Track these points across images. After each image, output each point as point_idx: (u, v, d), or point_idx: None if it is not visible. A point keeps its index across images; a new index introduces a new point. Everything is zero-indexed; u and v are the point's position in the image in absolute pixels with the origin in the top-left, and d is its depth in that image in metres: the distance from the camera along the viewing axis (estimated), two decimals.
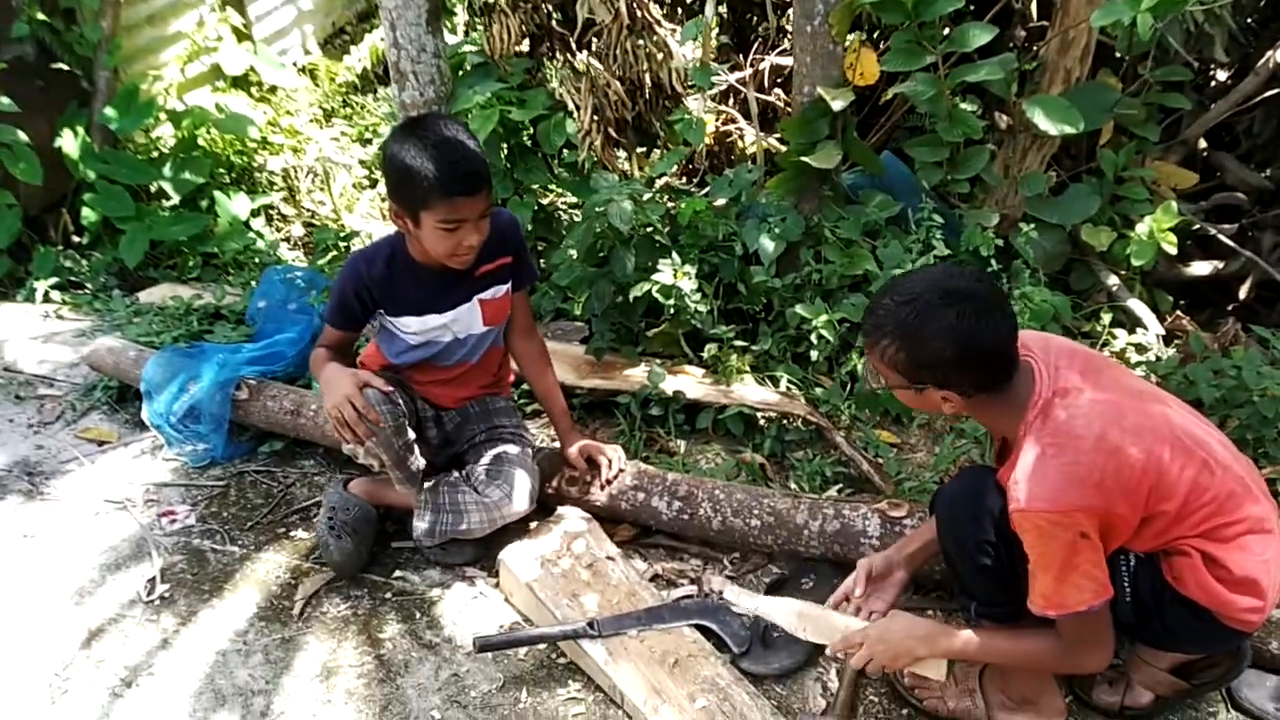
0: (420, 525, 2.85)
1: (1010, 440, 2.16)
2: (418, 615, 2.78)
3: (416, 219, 2.54)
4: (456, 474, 2.93)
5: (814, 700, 2.55)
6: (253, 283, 4.53)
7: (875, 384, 2.17)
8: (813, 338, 3.58)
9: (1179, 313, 3.97)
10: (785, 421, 3.49)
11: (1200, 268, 4.34)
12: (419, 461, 2.83)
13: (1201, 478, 2.04)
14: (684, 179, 5.16)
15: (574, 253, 3.78)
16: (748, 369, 3.69)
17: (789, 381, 3.66)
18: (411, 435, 2.78)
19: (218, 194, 5.19)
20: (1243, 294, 4.27)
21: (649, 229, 3.71)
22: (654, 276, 3.52)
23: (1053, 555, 1.98)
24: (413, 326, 2.78)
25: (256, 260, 5.04)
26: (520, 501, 2.86)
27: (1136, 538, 2.08)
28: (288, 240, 5.53)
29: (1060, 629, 2.07)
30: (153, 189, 5.24)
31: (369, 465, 2.76)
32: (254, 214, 5.35)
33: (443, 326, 2.80)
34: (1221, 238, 4.16)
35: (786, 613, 2.42)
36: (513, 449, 2.95)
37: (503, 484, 2.85)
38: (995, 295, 2.04)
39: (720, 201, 3.92)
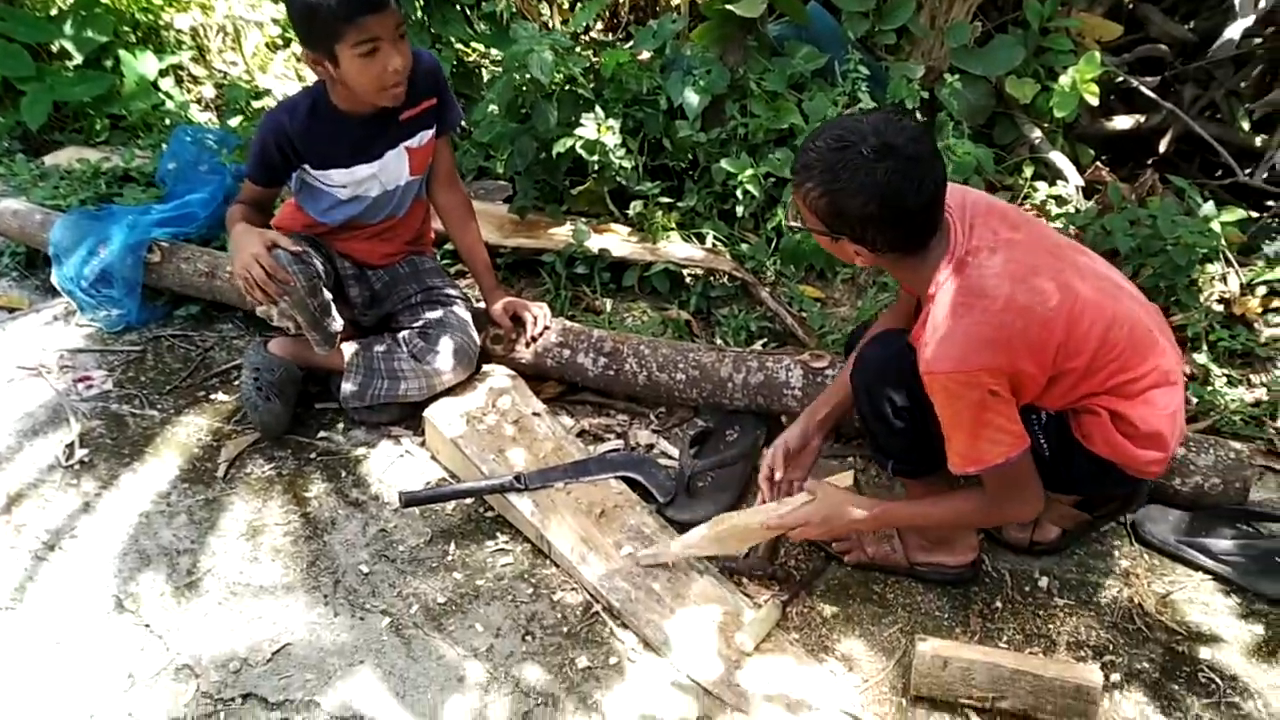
0: (349, 387, 2.82)
1: (924, 298, 2.15)
2: (343, 474, 2.78)
3: (333, 56, 2.45)
4: (390, 338, 2.90)
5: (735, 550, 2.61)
6: (162, 144, 4.36)
7: (794, 221, 2.17)
8: (738, 193, 3.55)
9: (1099, 165, 4.00)
10: (711, 278, 3.49)
11: (1122, 122, 4.36)
12: (337, 323, 2.78)
13: (1110, 334, 2.07)
14: (607, 31, 5.03)
15: (495, 108, 3.68)
16: (673, 226, 3.66)
17: (715, 238, 3.64)
18: (328, 296, 2.73)
19: (123, 53, 4.94)
20: (1163, 148, 4.31)
21: (571, 83, 3.62)
22: (577, 132, 3.45)
23: (962, 414, 2.02)
24: (340, 179, 2.71)
25: (166, 122, 4.84)
26: (458, 365, 2.84)
27: (1046, 395, 2.13)
28: (198, 102, 5.31)
29: (985, 483, 2.12)
30: (54, 48, 4.98)
31: (285, 328, 2.71)
32: (162, 74, 5.11)
33: (371, 177, 2.73)
34: (1144, 90, 4.17)
35: (708, 538, 2.40)
36: (452, 312, 2.91)
37: (443, 350, 2.82)
38: (930, 156, 1.98)
39: (644, 54, 3.84)
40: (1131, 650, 2.32)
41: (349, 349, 2.86)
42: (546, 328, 3.02)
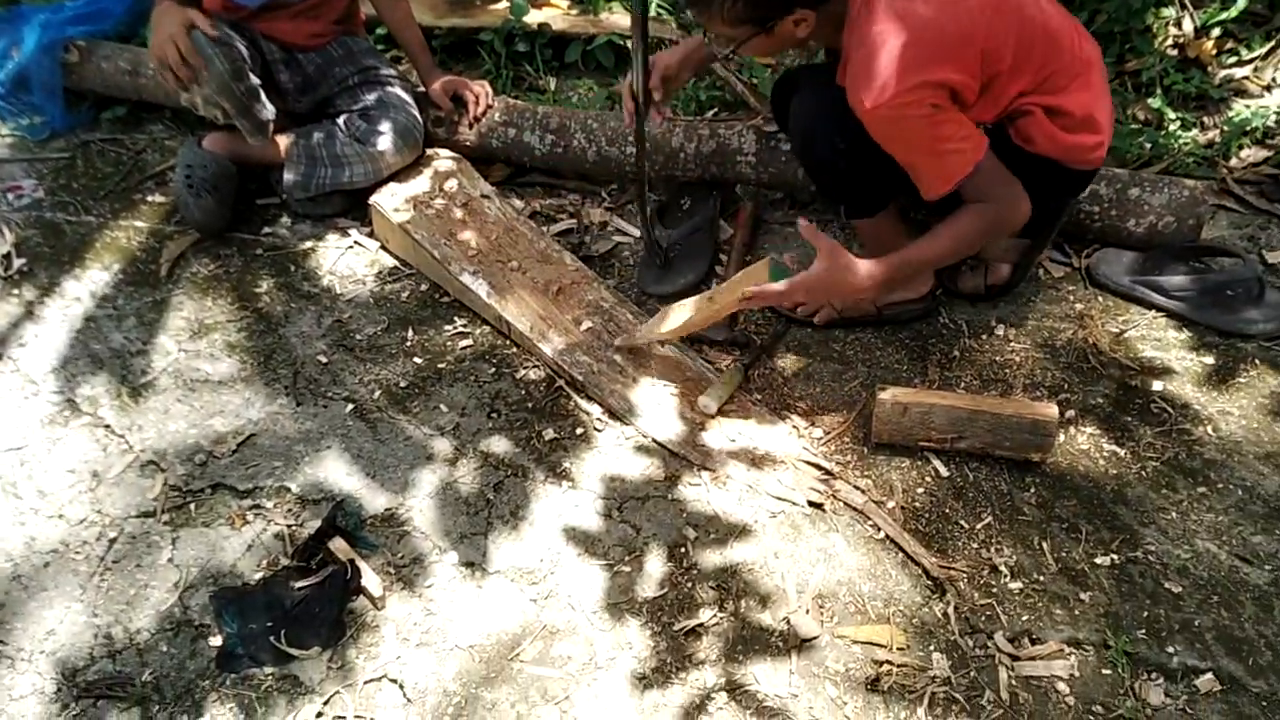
0: (291, 178, 2.74)
1: (846, 42, 2.08)
2: (292, 268, 2.72)
3: None
4: (329, 124, 2.79)
5: None
6: None
7: (723, 53, 2.10)
8: None
9: None
10: (658, 48, 3.36)
11: None
12: (267, 110, 2.67)
13: (1026, 29, 2.03)
14: None
15: None
16: None
17: (659, 6, 3.50)
18: (255, 81, 2.60)
19: None
20: None
21: None
22: None
23: (914, 139, 1.99)
24: None
25: None
26: (407, 149, 2.76)
27: (979, 107, 2.10)
28: None
29: (969, 198, 2.10)
30: None
31: (212, 117, 2.60)
32: None
33: None
34: None
35: (692, 322, 2.34)
36: (393, 91, 2.80)
37: (386, 131, 2.73)
38: None
39: None
40: (1086, 387, 2.37)
41: (286, 139, 2.76)
42: (489, 106, 2.92)
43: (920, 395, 2.18)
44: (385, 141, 2.72)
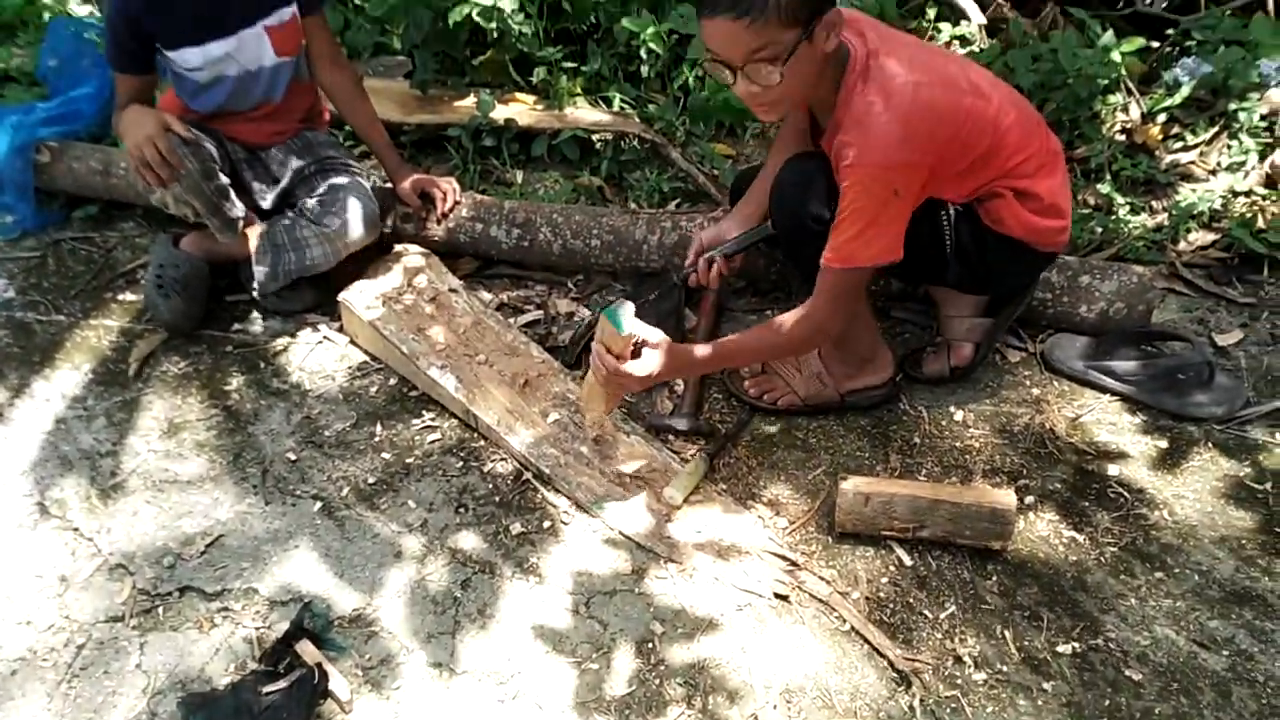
0: (260, 270, 2.77)
1: (824, 113, 2.19)
2: (262, 365, 2.75)
3: None
4: (291, 213, 2.84)
5: (661, 404, 2.65)
6: (41, 40, 4.15)
7: (768, 90, 2.03)
8: (643, 53, 3.50)
9: (1001, 2, 3.98)
10: (621, 142, 3.46)
11: None
12: (236, 209, 2.72)
13: (1001, 119, 2.16)
14: None
15: None
16: (579, 91, 3.60)
17: (622, 101, 3.59)
18: (224, 180, 2.66)
19: None
20: None
21: None
22: None
23: (866, 207, 2.06)
24: (195, 60, 2.61)
25: (43, 17, 4.59)
26: (360, 227, 2.79)
27: (954, 187, 2.22)
28: None
29: (822, 287, 2.17)
30: None
31: (182, 215, 2.65)
32: None
33: (227, 57, 2.63)
34: None
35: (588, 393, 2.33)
36: (343, 178, 2.85)
37: (339, 211, 2.77)
38: None
39: None
40: (1044, 472, 2.42)
41: (254, 234, 2.80)
42: (457, 202, 2.98)
43: (881, 485, 2.22)
44: (339, 221, 2.76)
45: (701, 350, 2.25)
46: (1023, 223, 2.28)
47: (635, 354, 2.15)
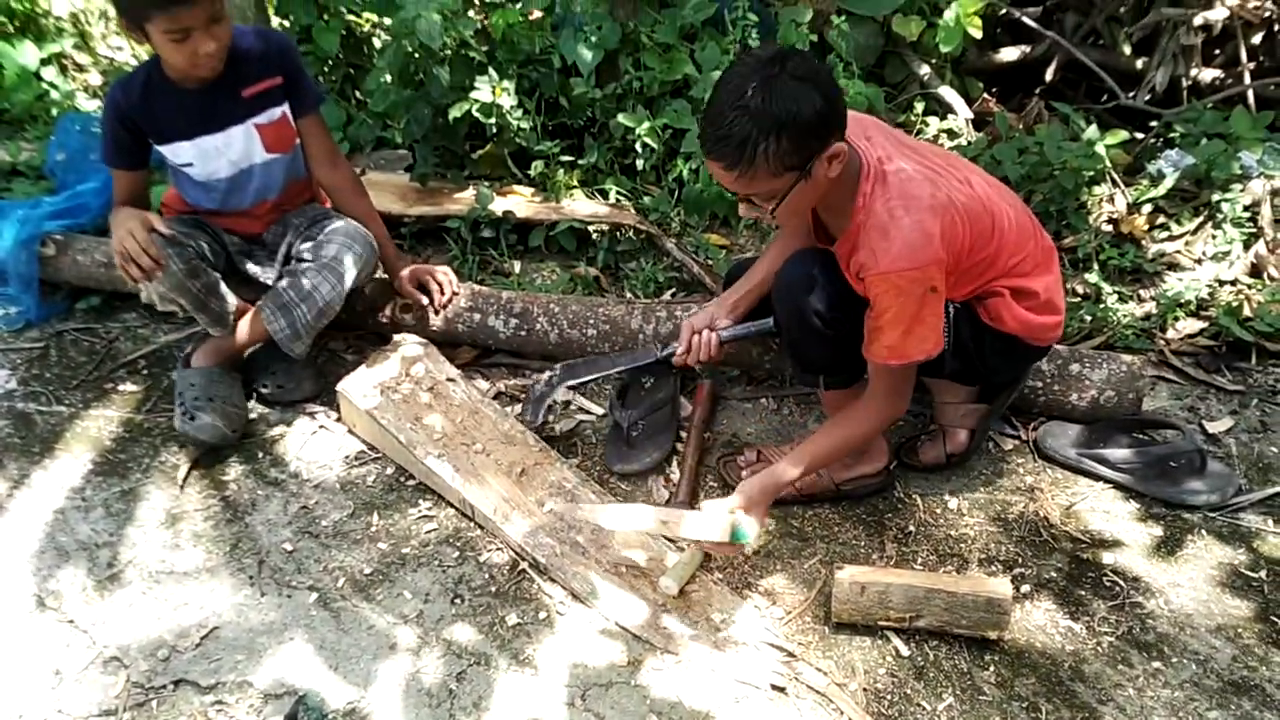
0: (281, 331, 2.76)
1: (835, 216, 2.24)
2: (260, 455, 2.76)
3: (144, 33, 2.43)
4: (285, 268, 2.86)
5: (658, 493, 2.66)
6: (49, 135, 4.23)
7: (765, 214, 2.11)
8: (638, 147, 3.57)
9: (987, 97, 4.08)
10: (617, 233, 3.52)
11: (1008, 53, 4.44)
12: (227, 304, 2.77)
13: (1000, 220, 2.23)
14: None
15: (387, 76, 3.64)
16: (576, 184, 3.68)
17: (618, 193, 3.66)
18: (213, 277, 2.72)
19: (1, 44, 4.79)
20: (1049, 76, 4.40)
21: (463, 45, 3.59)
22: (472, 95, 3.43)
23: (905, 310, 2.10)
24: (187, 154, 2.67)
25: (52, 112, 4.69)
26: (352, 254, 2.78)
27: (957, 287, 2.26)
28: (85, 89, 5.15)
29: (880, 382, 2.24)
30: None
31: (170, 312, 2.71)
32: (44, 63, 4.94)
33: (218, 154, 2.69)
34: (1026, 20, 4.25)
35: (649, 531, 2.41)
36: (334, 221, 2.86)
37: (335, 241, 2.79)
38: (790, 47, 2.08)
39: (535, 13, 3.81)
40: (1039, 561, 2.42)
41: (257, 310, 2.82)
42: (455, 293, 3.02)
43: (877, 574, 2.23)
44: (334, 248, 2.77)
45: (789, 470, 2.29)
46: (1020, 320, 2.33)
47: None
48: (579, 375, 2.72)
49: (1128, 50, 4.31)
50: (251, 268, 2.92)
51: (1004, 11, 4.28)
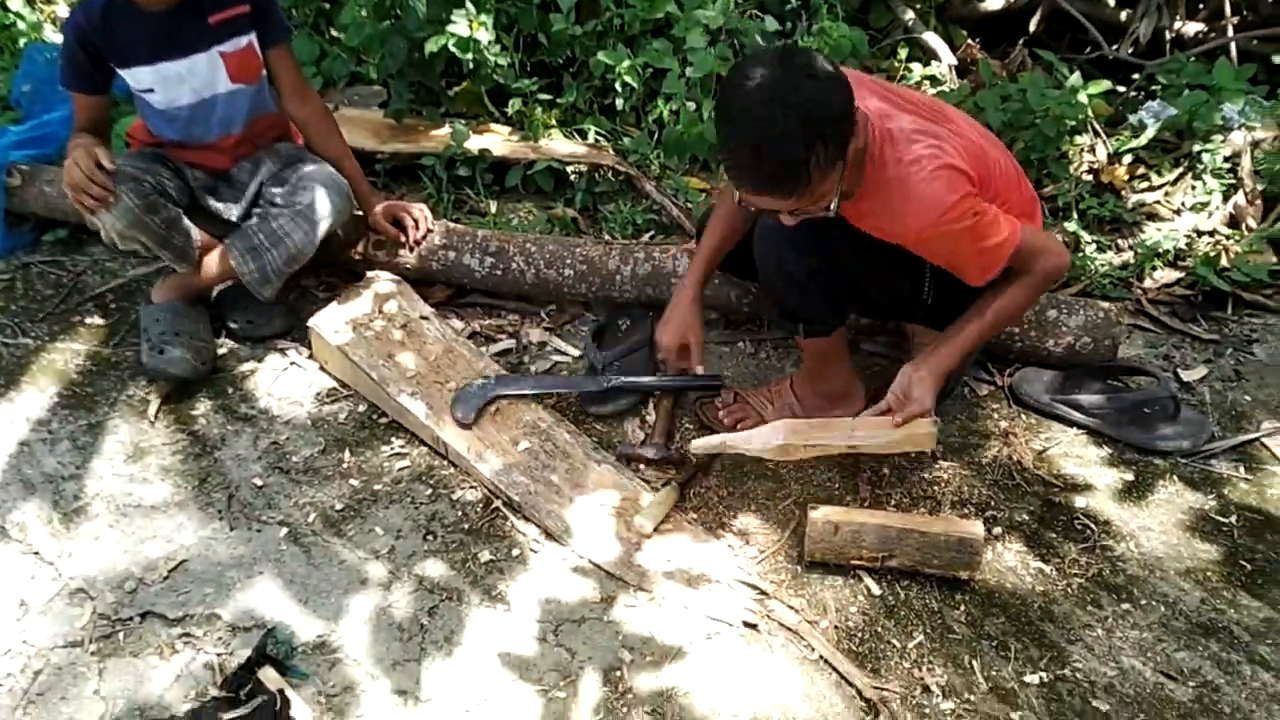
0: (250, 274, 2.73)
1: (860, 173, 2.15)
2: (230, 390, 2.73)
3: None
4: (257, 210, 2.81)
5: (633, 434, 2.65)
6: (15, 66, 4.14)
7: (818, 211, 2.03)
8: (618, 86, 3.52)
9: (971, 44, 4.05)
10: (595, 174, 3.48)
11: (993, 2, 4.40)
12: (190, 239, 2.72)
13: (992, 167, 2.20)
14: None
15: (362, 9, 3.56)
16: (554, 123, 3.62)
17: (596, 133, 3.61)
18: (173, 212, 2.66)
19: None
20: (1033, 26, 4.36)
21: None
22: (449, 29, 3.36)
23: (962, 247, 2.09)
24: (148, 80, 2.60)
25: (19, 44, 4.58)
26: (328, 201, 2.75)
27: None
28: (52, 21, 5.03)
29: (1018, 269, 2.17)
30: None
31: (132, 250, 2.67)
32: None
33: (180, 80, 2.62)
34: None
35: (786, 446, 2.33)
36: (309, 165, 2.82)
37: (308, 188, 2.74)
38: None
39: None
40: (1011, 504, 2.43)
41: (222, 252, 2.77)
42: (430, 229, 2.98)
43: (851, 514, 2.23)
44: (310, 196, 2.73)
45: (950, 357, 2.25)
46: None
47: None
48: (515, 388, 2.66)
49: (1112, 2, 4.28)
50: (215, 204, 2.85)
51: None
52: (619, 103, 3.57)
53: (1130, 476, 2.51)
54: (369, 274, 2.93)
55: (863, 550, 2.21)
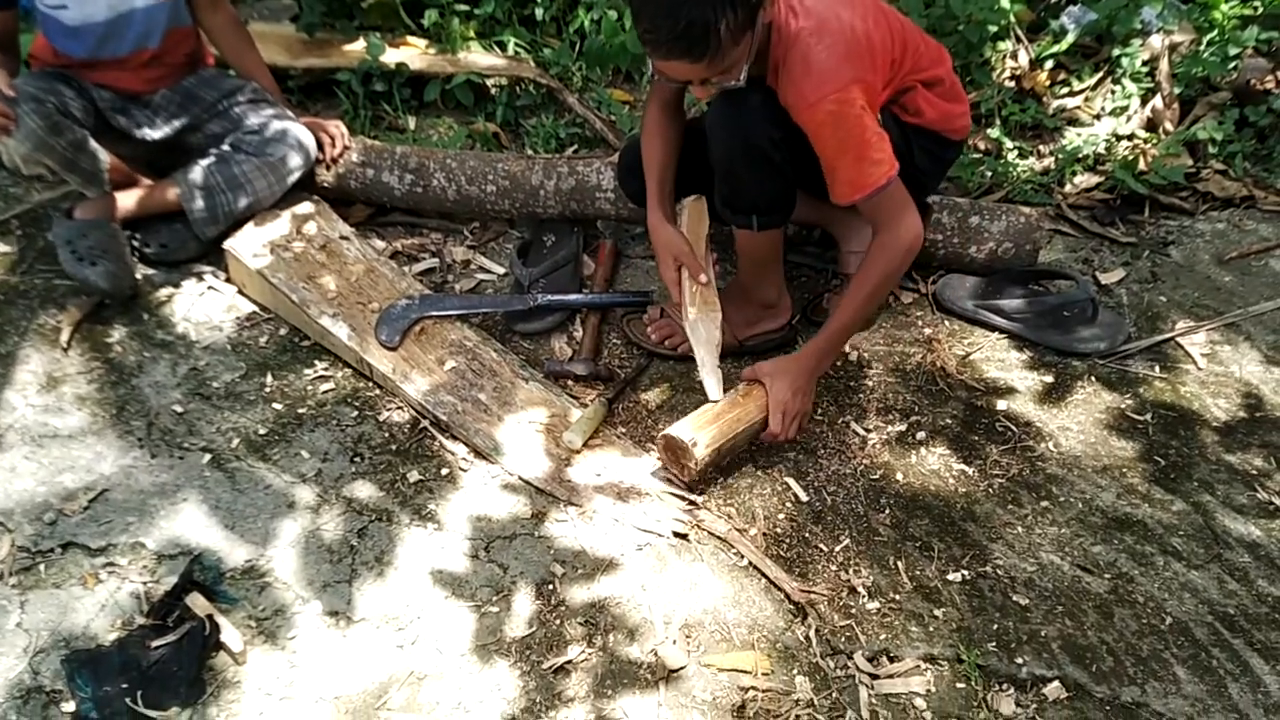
0: (198, 212, 2.68)
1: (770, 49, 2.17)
2: (145, 317, 2.65)
3: None
4: (218, 150, 2.74)
5: (560, 350, 2.63)
6: None
7: (729, 83, 2.05)
8: None
9: None
10: (516, 87, 3.41)
11: None
12: (99, 161, 2.63)
13: (894, 22, 2.24)
14: None
15: None
16: (473, 35, 3.53)
17: (517, 45, 3.53)
18: (80, 133, 2.56)
19: None
20: None
21: None
22: None
23: (848, 136, 2.08)
24: None
25: None
26: (299, 156, 2.75)
27: (881, 92, 2.23)
28: None
29: (876, 220, 2.17)
30: None
31: (37, 175, 2.58)
32: None
33: None
34: None
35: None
36: (271, 109, 2.79)
37: (280, 141, 2.71)
38: None
39: None
40: (935, 409, 2.47)
41: (173, 185, 2.72)
42: (346, 147, 2.90)
43: (719, 437, 2.22)
44: (283, 150, 2.71)
45: (824, 342, 2.26)
46: (937, 109, 2.36)
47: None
48: (440, 308, 2.61)
49: None
50: (124, 122, 2.75)
51: None
52: (539, 13, 3.50)
53: (1050, 379, 2.56)
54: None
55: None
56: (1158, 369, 2.59)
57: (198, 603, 1.96)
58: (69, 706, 1.82)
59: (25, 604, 1.99)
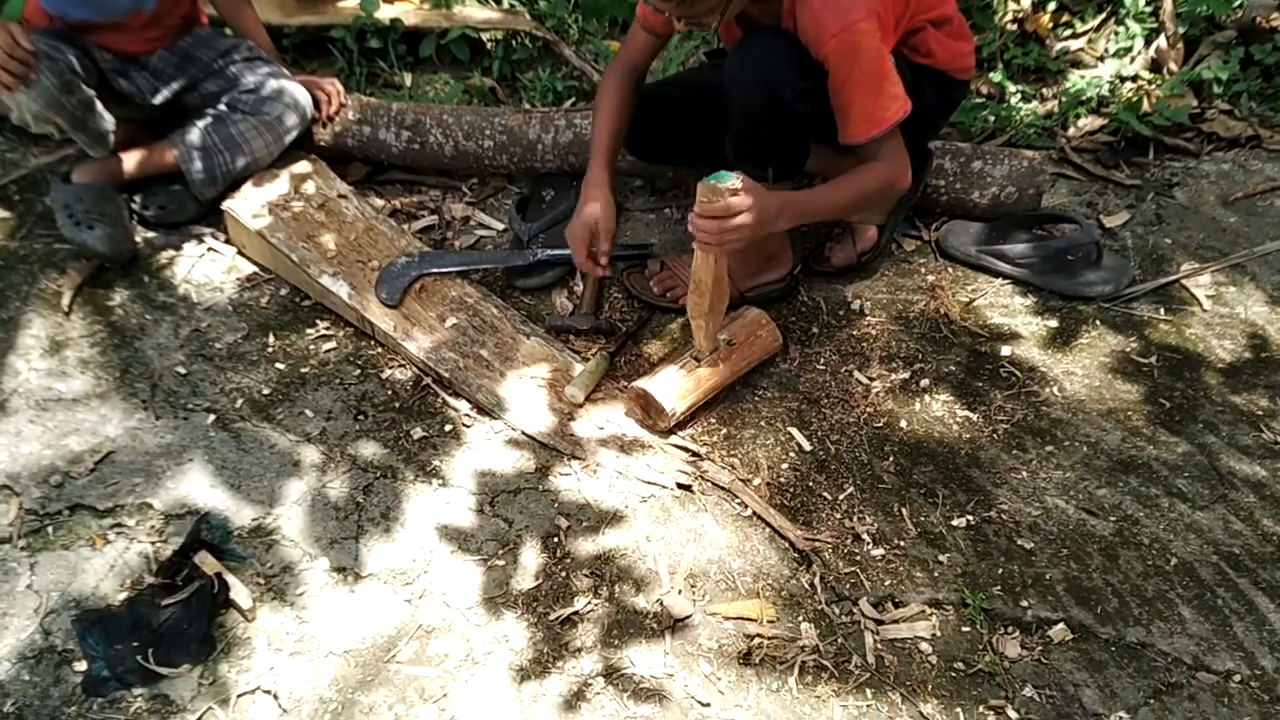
0: (197, 174, 2.68)
1: (759, 8, 2.18)
2: (146, 279, 2.65)
3: None
4: (214, 109, 2.73)
5: (561, 305, 2.63)
6: None
7: (709, 29, 2.10)
8: None
9: None
10: (512, 40, 3.37)
11: None
12: (106, 121, 2.61)
13: None
14: None
15: None
16: None
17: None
18: (88, 92, 2.54)
19: None
20: None
21: None
22: None
23: (867, 71, 2.07)
24: None
25: None
26: (295, 115, 2.74)
27: (894, 31, 2.21)
28: None
29: (880, 153, 2.17)
30: None
31: (46, 134, 2.55)
32: None
33: None
34: None
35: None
36: (267, 67, 2.76)
37: (277, 100, 2.70)
38: None
39: None
40: (939, 356, 2.46)
41: (170, 146, 2.71)
42: (343, 104, 2.88)
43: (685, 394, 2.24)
44: (280, 108, 2.69)
45: (797, 196, 2.20)
46: (945, 48, 2.33)
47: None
48: (440, 265, 2.60)
49: None
50: (125, 86, 2.73)
51: None
52: None
53: (1055, 323, 2.54)
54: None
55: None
56: (1163, 311, 2.58)
57: (206, 561, 1.97)
58: (81, 666, 1.84)
59: (35, 566, 2.00)
